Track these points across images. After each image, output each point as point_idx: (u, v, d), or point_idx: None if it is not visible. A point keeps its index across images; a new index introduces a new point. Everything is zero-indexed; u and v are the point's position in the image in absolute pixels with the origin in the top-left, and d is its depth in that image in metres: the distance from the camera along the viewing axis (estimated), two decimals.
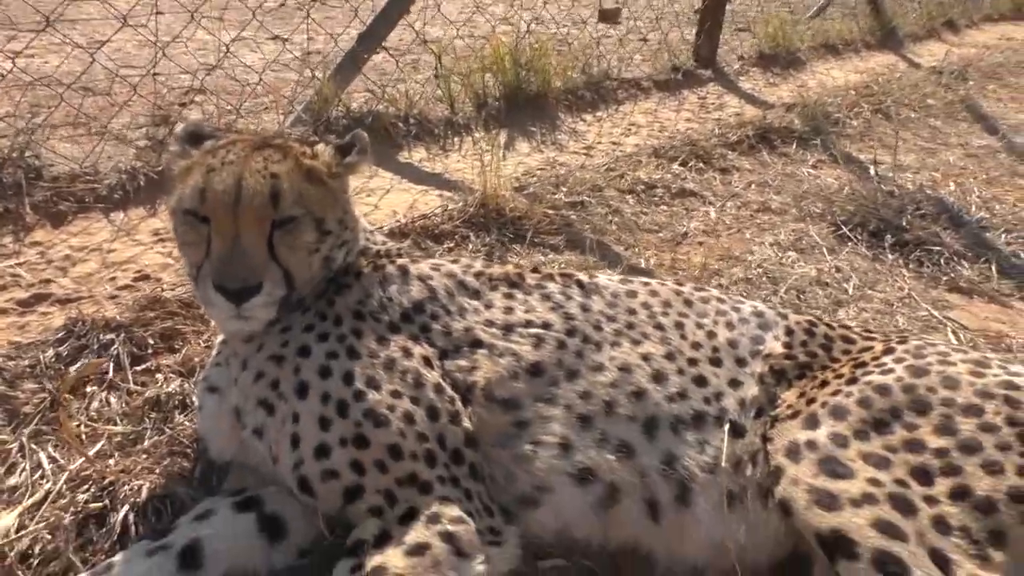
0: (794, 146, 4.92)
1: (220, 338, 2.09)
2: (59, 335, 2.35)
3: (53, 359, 2.26)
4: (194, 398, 2.17)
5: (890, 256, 3.51)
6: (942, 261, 3.47)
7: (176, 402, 2.16)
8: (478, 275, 2.11)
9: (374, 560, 1.57)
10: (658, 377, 1.92)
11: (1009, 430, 1.72)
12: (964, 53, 8.86)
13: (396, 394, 1.78)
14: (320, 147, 2.07)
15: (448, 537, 1.62)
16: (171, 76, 4.87)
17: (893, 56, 8.62)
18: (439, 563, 1.59)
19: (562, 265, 3.08)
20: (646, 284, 2.20)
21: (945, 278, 3.36)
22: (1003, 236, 3.78)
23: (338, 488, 1.71)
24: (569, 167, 4.18)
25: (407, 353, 1.86)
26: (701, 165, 4.38)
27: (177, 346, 2.40)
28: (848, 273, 3.32)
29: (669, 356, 1.97)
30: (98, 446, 2.01)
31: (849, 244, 3.60)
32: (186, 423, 2.11)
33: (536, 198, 3.56)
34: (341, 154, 2.06)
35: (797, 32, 8.08)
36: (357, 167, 2.09)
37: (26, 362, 2.24)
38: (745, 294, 3.03)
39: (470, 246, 3.17)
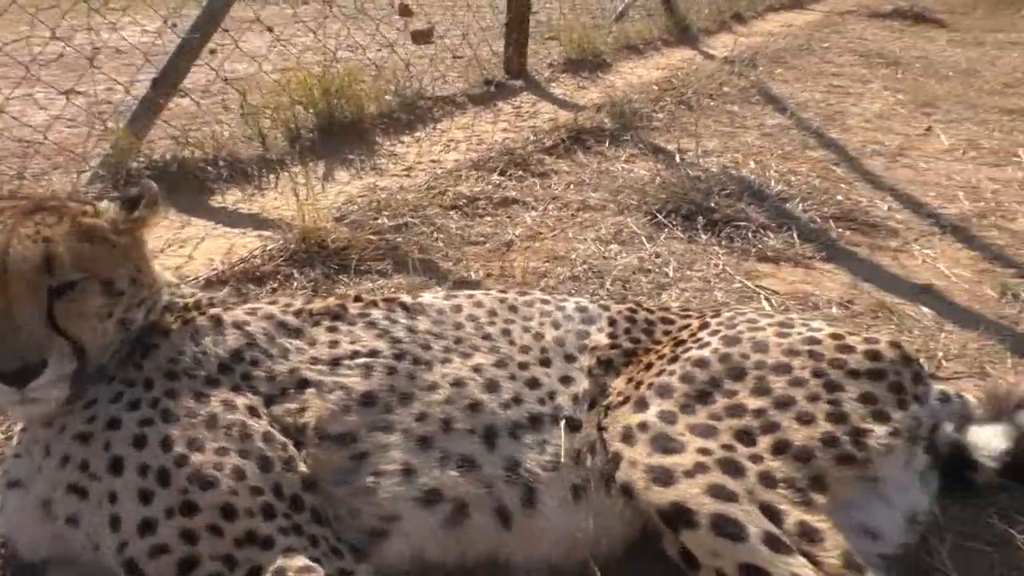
0: (607, 144, 5.12)
1: (19, 426, 1.91)
2: None
3: None
4: None
5: (703, 236, 3.72)
6: (750, 235, 3.71)
7: None
8: (298, 313, 2.05)
9: None
10: (491, 386, 1.93)
11: (816, 381, 1.86)
12: (752, 42, 9.59)
13: (222, 451, 1.69)
14: (103, 204, 1.95)
15: None
16: None
17: (690, 51, 9.19)
18: None
19: (391, 289, 3.05)
20: (470, 296, 2.21)
21: (754, 250, 3.59)
22: (800, 205, 4.09)
23: (171, 563, 1.59)
24: (390, 190, 4.15)
25: (229, 406, 1.77)
26: (520, 172, 4.47)
27: None
28: (667, 258, 3.48)
29: (500, 364, 1.99)
30: None
31: (665, 230, 3.78)
32: None
33: (358, 226, 3.51)
34: (128, 208, 1.94)
35: (601, 36, 8.44)
36: (147, 220, 1.97)
37: None
38: (573, 291, 3.11)
39: (295, 284, 3.07)
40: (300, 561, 1.60)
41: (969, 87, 7.19)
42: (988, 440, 1.99)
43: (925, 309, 3.09)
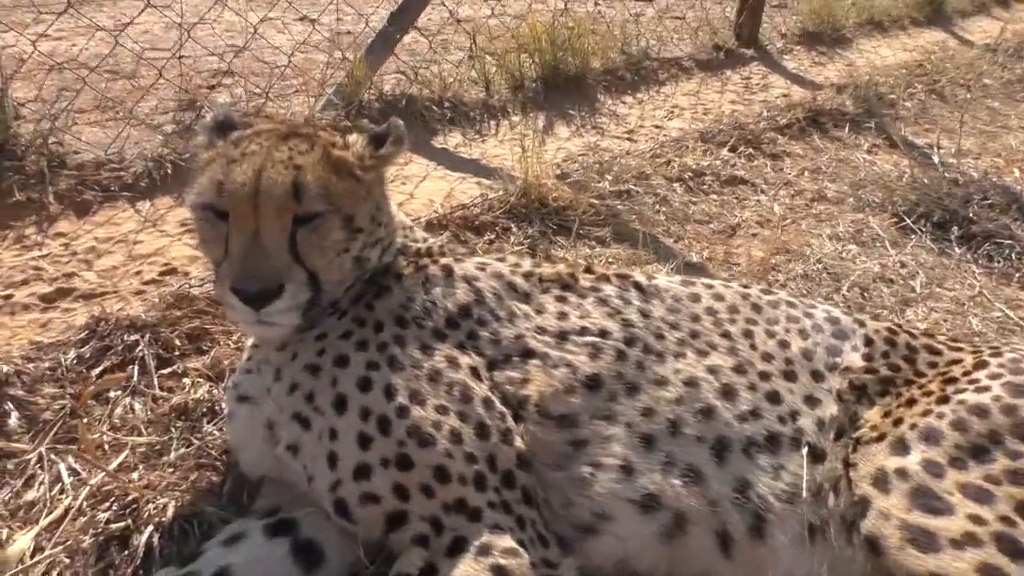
0: (847, 129, 4.67)
1: (251, 341, 1.94)
2: (81, 335, 2.21)
3: (75, 361, 2.13)
4: (223, 406, 2.03)
5: (957, 250, 3.28)
6: (1014, 256, 3.23)
7: (204, 409, 2.02)
8: (527, 275, 1.94)
9: None
10: (727, 393, 1.75)
11: None
12: (1019, 29, 8.48)
13: (442, 409, 1.63)
14: (352, 137, 1.90)
15: (500, 571, 1.47)
16: (198, 59, 4.73)
17: (942, 33, 8.30)
18: None
19: (609, 259, 2.90)
20: (709, 287, 2.02)
21: (1018, 275, 3.13)
22: None
23: (379, 513, 1.57)
24: (612, 152, 3.98)
25: (453, 364, 1.70)
26: (750, 151, 4.15)
27: (205, 347, 2.25)
28: (914, 269, 3.10)
29: (739, 369, 1.79)
30: (121, 458, 1.87)
31: (913, 237, 3.37)
32: (215, 433, 1.97)
33: (580, 187, 3.37)
34: (375, 144, 1.88)
35: (842, 8, 7.77)
36: (392, 159, 1.92)
37: (46, 364, 2.11)
38: (806, 292, 2.83)
39: (512, 238, 2.99)
40: (506, 541, 1.52)
41: None
42: None
43: None
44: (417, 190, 3.43)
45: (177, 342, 2.23)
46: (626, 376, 1.75)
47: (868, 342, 1.90)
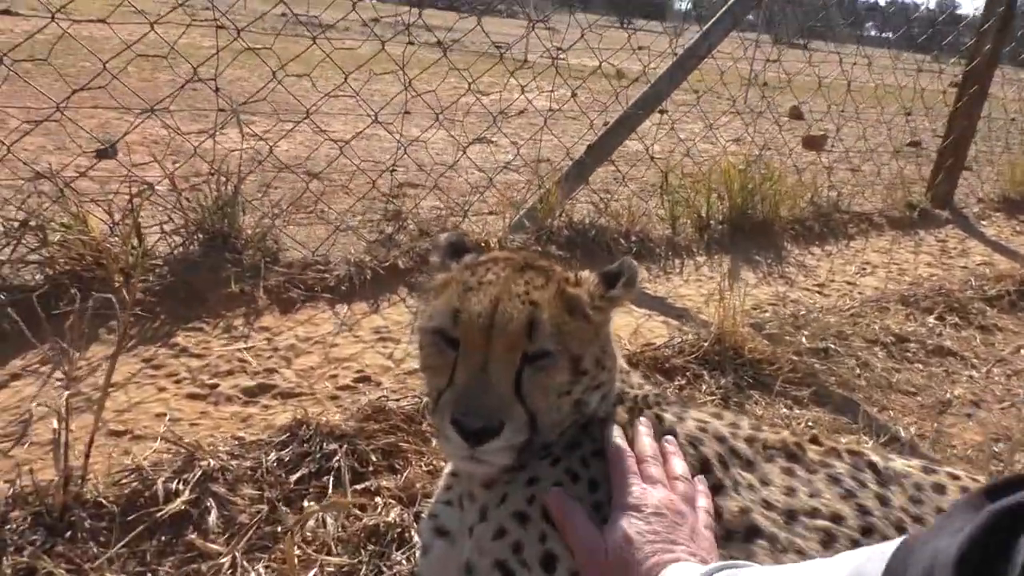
0: None
1: (449, 469, 1.89)
2: (282, 437, 2.24)
3: (275, 464, 2.14)
4: (416, 534, 1.96)
5: None
6: None
7: (394, 535, 1.96)
8: (750, 440, 1.79)
9: None
10: None
11: None
12: None
13: None
14: (584, 273, 1.86)
15: None
16: (393, 168, 5.00)
17: None
18: None
19: (809, 423, 2.70)
20: (955, 477, 1.79)
21: None
22: None
23: None
24: (804, 306, 3.80)
25: None
26: (956, 319, 3.85)
27: (398, 466, 2.21)
28: None
29: None
30: (310, 575, 1.83)
31: None
32: (403, 562, 1.90)
33: (778, 340, 3.20)
34: (606, 284, 1.83)
35: None
36: (622, 300, 1.85)
37: (248, 464, 2.13)
38: None
39: (703, 386, 2.85)
40: None
41: None
42: None
43: None
44: None
45: (372, 457, 2.20)
46: None
47: None
